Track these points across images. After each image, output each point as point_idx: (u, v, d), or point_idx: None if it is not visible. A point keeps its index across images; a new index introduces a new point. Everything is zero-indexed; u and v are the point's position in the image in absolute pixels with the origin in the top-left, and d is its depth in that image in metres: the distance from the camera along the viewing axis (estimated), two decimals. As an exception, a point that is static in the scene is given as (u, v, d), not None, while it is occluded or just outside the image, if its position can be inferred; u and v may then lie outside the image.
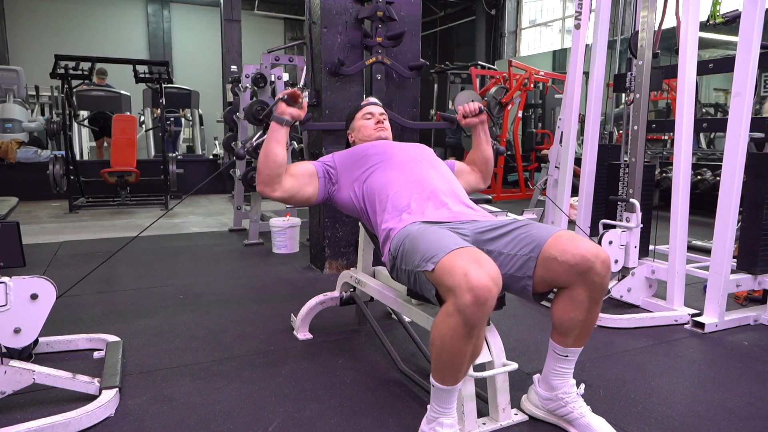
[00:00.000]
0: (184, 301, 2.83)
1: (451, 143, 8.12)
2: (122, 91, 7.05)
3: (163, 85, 6.24)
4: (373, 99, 2.22)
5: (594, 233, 2.77)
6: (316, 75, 3.26)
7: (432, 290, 1.42)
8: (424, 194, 1.74)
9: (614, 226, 2.63)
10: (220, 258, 3.85)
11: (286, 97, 1.75)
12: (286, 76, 5.02)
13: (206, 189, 7.53)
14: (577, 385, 1.60)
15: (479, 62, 8.80)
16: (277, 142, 1.75)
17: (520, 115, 7.82)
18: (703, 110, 6.94)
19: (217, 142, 9.77)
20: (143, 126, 8.61)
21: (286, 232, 3.94)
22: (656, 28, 2.60)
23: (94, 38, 12.42)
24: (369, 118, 2.07)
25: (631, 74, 2.65)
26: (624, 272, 2.68)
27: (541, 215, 3.55)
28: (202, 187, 7.42)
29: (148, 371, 1.97)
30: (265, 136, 1.78)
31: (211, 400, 1.75)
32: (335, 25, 3.15)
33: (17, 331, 1.53)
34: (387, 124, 2.10)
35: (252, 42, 11.64)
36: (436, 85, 9.18)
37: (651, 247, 2.79)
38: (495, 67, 9.44)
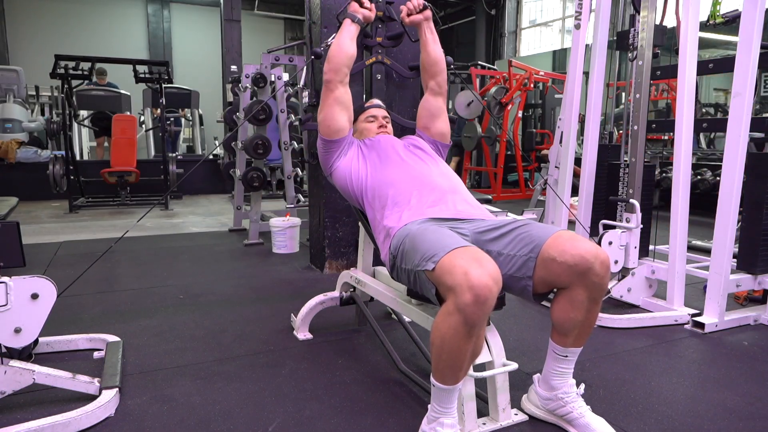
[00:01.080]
0: (184, 301, 2.83)
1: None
2: (122, 91, 7.05)
3: (163, 85, 6.24)
4: (376, 101, 2.23)
5: (594, 233, 2.76)
6: (316, 75, 3.26)
7: (432, 290, 1.42)
8: (424, 191, 1.74)
9: (614, 227, 2.63)
10: (220, 258, 3.85)
11: None
12: (286, 76, 5.02)
13: (206, 189, 7.53)
14: (577, 385, 1.60)
15: (479, 62, 8.79)
16: (349, 36, 1.93)
17: (520, 115, 7.82)
18: (703, 110, 6.94)
19: (217, 142, 9.77)
20: (143, 126, 8.61)
21: (286, 232, 3.94)
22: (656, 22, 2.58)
23: (94, 38, 12.42)
24: (372, 121, 2.09)
25: (635, 30, 2.60)
26: (624, 272, 2.68)
27: (541, 215, 3.55)
28: (203, 187, 7.44)
29: (148, 371, 1.97)
30: (338, 31, 1.94)
31: (211, 400, 1.75)
32: (335, 25, 3.15)
33: (17, 331, 1.53)
34: (390, 127, 2.13)
35: (252, 42, 11.65)
36: (436, 85, 9.15)
37: (651, 247, 2.79)
38: (495, 67, 9.44)
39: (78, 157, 7.18)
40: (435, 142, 2.06)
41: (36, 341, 2.04)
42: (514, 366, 1.55)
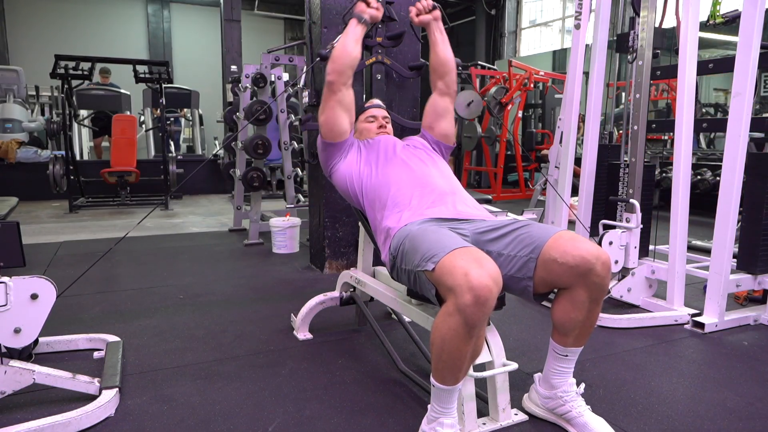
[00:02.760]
0: (184, 301, 2.83)
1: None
2: (122, 90, 7.05)
3: (163, 85, 6.24)
4: (377, 101, 2.23)
5: (594, 233, 2.77)
6: (316, 75, 3.26)
7: (432, 290, 1.42)
8: (424, 192, 1.74)
9: (614, 227, 2.63)
10: (220, 258, 3.85)
11: None
12: (286, 76, 5.02)
13: (206, 189, 7.53)
14: (577, 384, 1.60)
15: (479, 62, 8.79)
16: (355, 39, 1.87)
17: (520, 115, 7.82)
18: (703, 110, 6.93)
19: (217, 142, 9.78)
20: (143, 126, 8.61)
21: (286, 232, 3.94)
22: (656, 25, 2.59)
23: (94, 38, 12.41)
24: (372, 121, 2.08)
25: (634, 33, 2.60)
26: (624, 272, 2.68)
27: (541, 215, 3.55)
28: (203, 187, 7.44)
29: (148, 371, 1.97)
30: (344, 32, 1.89)
31: (211, 400, 1.75)
32: (335, 25, 3.15)
33: (17, 331, 1.53)
34: (390, 127, 2.12)
35: (252, 42, 11.63)
36: (436, 85, 9.15)
37: (651, 247, 2.79)
38: (495, 67, 9.44)
39: (78, 157, 7.18)
40: (438, 143, 2.05)
41: (36, 341, 2.04)
42: (514, 366, 1.55)
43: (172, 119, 8.84)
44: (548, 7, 11.74)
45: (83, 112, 7.39)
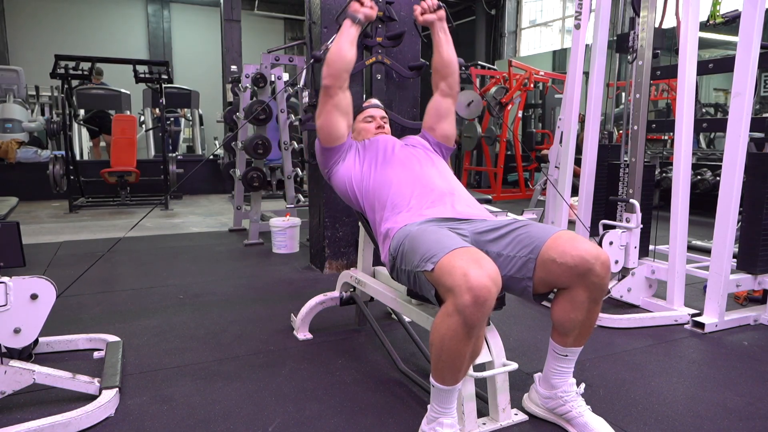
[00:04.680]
0: (184, 301, 2.83)
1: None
2: (122, 90, 7.05)
3: (163, 85, 6.24)
4: (374, 101, 2.22)
5: (594, 233, 2.77)
6: (316, 75, 3.26)
7: (431, 290, 1.42)
8: (424, 192, 1.74)
9: (614, 227, 2.63)
10: (220, 258, 3.85)
11: None
12: (286, 76, 5.02)
13: (206, 189, 7.53)
14: (578, 384, 1.60)
15: (479, 62, 8.79)
16: (349, 40, 1.83)
17: (520, 115, 7.82)
18: (703, 110, 6.93)
19: (217, 142, 9.77)
20: (143, 126, 8.61)
21: (286, 232, 3.94)
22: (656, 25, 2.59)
23: (94, 38, 12.42)
24: (370, 122, 2.08)
25: (634, 33, 2.60)
26: (624, 272, 2.68)
27: (541, 215, 3.55)
28: (203, 187, 7.44)
29: (148, 371, 1.97)
30: (337, 34, 1.85)
31: (211, 400, 1.75)
32: (335, 25, 3.15)
33: (17, 331, 1.53)
34: (387, 127, 2.11)
35: (252, 42, 11.64)
36: (436, 85, 9.15)
37: (651, 247, 2.79)
38: (495, 67, 9.44)
39: (78, 157, 7.18)
40: (439, 145, 2.04)
41: (36, 341, 2.04)
42: (514, 366, 1.55)
43: (172, 119, 8.84)
44: (548, 7, 11.74)
45: (82, 112, 7.39)
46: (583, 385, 1.61)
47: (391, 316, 2.50)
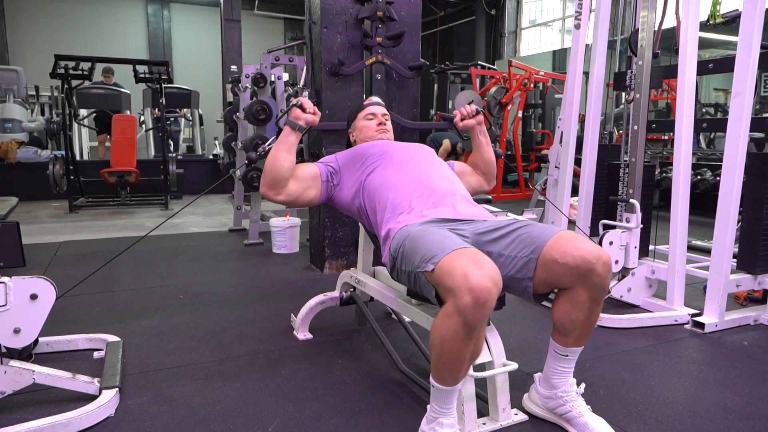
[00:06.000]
0: (184, 301, 2.83)
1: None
2: (123, 89, 7.05)
3: (163, 85, 6.24)
4: (376, 99, 2.21)
5: (594, 233, 2.77)
6: (316, 75, 3.26)
7: (432, 291, 1.42)
8: (424, 193, 1.74)
9: (614, 227, 2.63)
10: (220, 258, 3.85)
11: (300, 102, 1.78)
12: (286, 76, 5.02)
13: (206, 189, 7.53)
14: (578, 384, 1.60)
15: (479, 62, 8.80)
16: (286, 148, 1.78)
17: (520, 115, 7.82)
18: (703, 110, 6.94)
19: (217, 142, 9.78)
20: (143, 126, 8.61)
21: (286, 232, 3.94)
22: (656, 28, 2.60)
23: (94, 38, 12.42)
24: (371, 119, 2.07)
25: (632, 72, 2.65)
26: (624, 272, 2.68)
27: (541, 215, 3.55)
28: (203, 187, 7.43)
29: (148, 371, 1.97)
30: (276, 141, 1.81)
31: (211, 400, 1.75)
32: (335, 25, 3.15)
33: (17, 331, 1.53)
34: (389, 125, 2.10)
35: (252, 42, 11.64)
36: (436, 85, 9.17)
37: (651, 247, 2.79)
38: (495, 67, 9.44)
39: (78, 157, 7.18)
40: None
41: (36, 341, 2.04)
42: (514, 366, 1.55)
43: (172, 119, 8.84)
44: (548, 7, 11.74)
45: (83, 112, 7.39)
46: (583, 385, 1.61)
47: (391, 316, 2.50)
